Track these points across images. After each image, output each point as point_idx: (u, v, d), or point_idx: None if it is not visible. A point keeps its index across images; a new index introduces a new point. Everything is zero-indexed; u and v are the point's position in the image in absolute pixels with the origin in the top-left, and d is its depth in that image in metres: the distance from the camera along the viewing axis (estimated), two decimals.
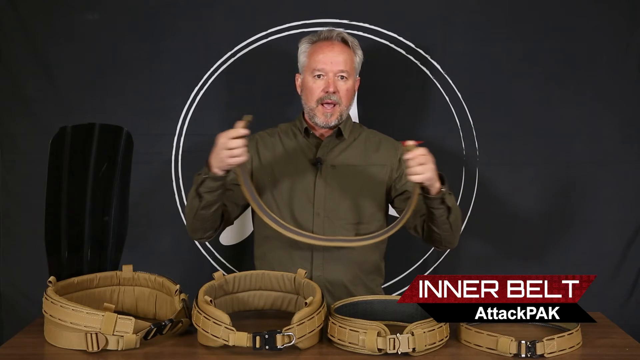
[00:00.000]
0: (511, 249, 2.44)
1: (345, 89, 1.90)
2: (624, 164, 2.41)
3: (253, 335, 1.39)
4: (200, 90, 2.39)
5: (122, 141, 1.81)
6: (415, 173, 1.62)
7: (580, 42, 2.38)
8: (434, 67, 2.39)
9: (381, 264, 2.00)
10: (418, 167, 1.61)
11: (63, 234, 1.70)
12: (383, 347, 1.40)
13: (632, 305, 2.43)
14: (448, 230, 1.81)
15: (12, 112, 2.38)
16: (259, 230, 1.97)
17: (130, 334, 1.43)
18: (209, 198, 1.76)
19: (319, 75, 1.88)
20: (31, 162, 2.33)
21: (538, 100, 2.40)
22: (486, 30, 2.38)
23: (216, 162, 1.68)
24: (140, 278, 1.72)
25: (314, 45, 1.92)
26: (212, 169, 1.70)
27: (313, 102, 1.90)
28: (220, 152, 1.65)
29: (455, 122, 2.40)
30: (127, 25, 2.37)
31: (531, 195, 2.42)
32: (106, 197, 1.80)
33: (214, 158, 1.68)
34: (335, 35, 1.91)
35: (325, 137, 1.96)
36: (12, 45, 2.36)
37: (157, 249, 2.41)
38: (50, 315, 1.47)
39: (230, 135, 1.63)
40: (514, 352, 1.42)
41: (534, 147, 2.41)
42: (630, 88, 2.40)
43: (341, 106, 1.90)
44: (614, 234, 2.43)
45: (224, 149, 1.64)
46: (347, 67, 1.89)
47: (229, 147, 1.63)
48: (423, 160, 1.62)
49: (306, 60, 1.92)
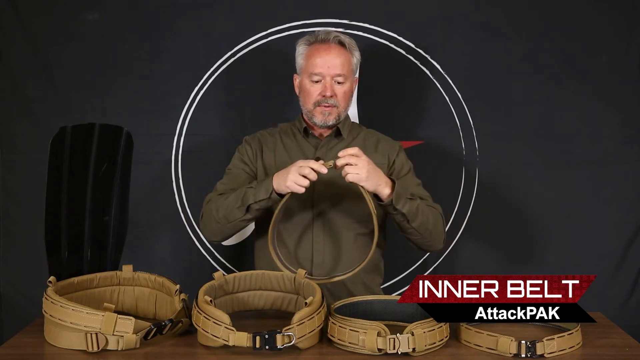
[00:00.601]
0: (511, 249, 2.44)
1: (342, 91, 1.90)
2: (624, 164, 2.41)
3: (253, 335, 1.39)
4: (200, 90, 2.39)
5: (122, 141, 1.81)
6: (346, 172, 1.66)
7: (580, 42, 2.38)
8: (434, 67, 2.39)
9: (380, 264, 2.00)
10: (348, 167, 1.66)
11: (63, 234, 1.70)
12: (383, 347, 1.40)
13: (632, 305, 2.43)
14: (417, 235, 1.82)
15: (12, 112, 2.38)
16: (260, 229, 1.97)
17: (130, 334, 1.43)
18: (256, 213, 1.79)
19: (316, 79, 1.89)
20: (31, 162, 2.33)
21: (538, 100, 2.40)
22: (486, 30, 2.38)
23: (282, 181, 1.70)
24: (140, 278, 1.72)
25: (311, 47, 1.91)
26: (275, 187, 1.72)
27: (310, 104, 1.90)
28: (294, 174, 1.66)
29: (455, 122, 2.40)
30: (127, 25, 2.37)
31: (531, 195, 2.42)
32: (106, 197, 1.80)
33: (282, 177, 1.70)
34: (332, 37, 1.90)
35: (324, 136, 1.96)
36: (12, 45, 2.36)
37: (157, 249, 2.41)
38: (50, 315, 1.47)
39: (312, 166, 1.65)
40: (514, 352, 1.42)
41: (534, 147, 2.41)
42: (630, 88, 2.40)
43: (339, 108, 1.90)
44: (614, 234, 2.43)
45: (299, 173, 1.66)
46: (345, 71, 1.89)
47: (303, 173, 1.65)
48: (353, 160, 1.66)
49: (303, 62, 1.92)
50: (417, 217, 1.78)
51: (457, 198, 2.42)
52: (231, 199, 1.80)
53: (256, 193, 1.75)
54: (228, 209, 1.80)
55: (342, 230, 1.90)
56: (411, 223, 1.78)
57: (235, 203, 1.78)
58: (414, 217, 1.77)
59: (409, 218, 1.76)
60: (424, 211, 1.81)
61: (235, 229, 1.85)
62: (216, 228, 1.85)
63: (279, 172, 1.74)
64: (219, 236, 1.89)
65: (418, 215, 1.78)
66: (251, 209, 1.77)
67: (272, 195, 1.73)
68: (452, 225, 2.42)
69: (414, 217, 1.77)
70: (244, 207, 1.77)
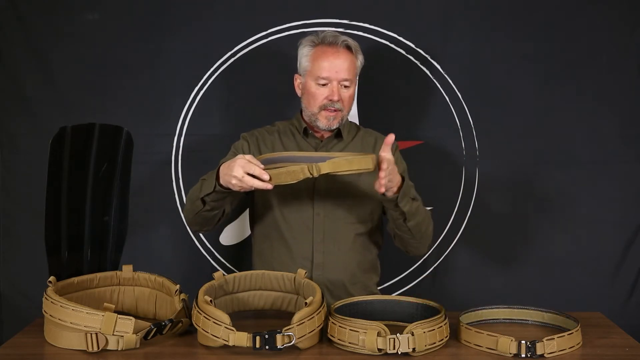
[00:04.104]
0: (511, 249, 2.44)
1: (348, 96, 1.90)
2: (624, 164, 2.41)
3: (253, 335, 1.39)
4: (200, 90, 2.39)
5: (122, 141, 1.81)
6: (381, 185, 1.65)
7: (580, 42, 2.38)
8: (434, 67, 2.39)
9: (377, 262, 2.01)
10: (388, 182, 1.65)
11: (63, 234, 1.71)
12: (383, 347, 1.40)
13: (632, 305, 2.43)
14: (408, 234, 1.83)
15: (12, 112, 2.38)
16: (259, 228, 1.97)
17: (130, 334, 1.43)
18: (214, 204, 1.77)
19: (323, 83, 1.88)
20: (31, 162, 2.33)
21: (538, 100, 2.40)
22: (486, 30, 2.38)
23: (227, 177, 1.64)
24: (140, 278, 1.72)
25: (317, 49, 1.89)
26: (221, 180, 1.68)
27: (315, 107, 1.89)
28: (236, 171, 1.61)
29: (455, 122, 2.40)
30: (127, 25, 2.37)
31: (531, 195, 2.42)
32: (106, 197, 1.80)
33: (226, 171, 1.65)
34: (341, 42, 1.88)
35: (325, 137, 1.96)
36: (12, 45, 2.35)
37: (157, 249, 2.41)
38: (50, 315, 1.47)
39: (252, 170, 1.59)
40: (514, 352, 1.42)
41: (534, 147, 2.41)
42: (630, 88, 2.40)
43: (343, 112, 1.90)
44: (614, 234, 2.43)
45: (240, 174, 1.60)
46: (351, 75, 1.88)
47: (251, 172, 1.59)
48: (392, 175, 1.65)
49: (309, 65, 1.90)
50: (414, 217, 1.79)
51: (457, 198, 2.42)
52: (193, 190, 1.81)
53: (205, 186, 1.75)
54: (191, 202, 1.82)
55: (342, 230, 1.90)
56: (407, 222, 1.78)
57: (194, 195, 1.79)
58: (412, 217, 1.78)
59: (407, 217, 1.77)
60: (422, 213, 1.82)
61: (205, 220, 1.84)
62: (190, 219, 1.87)
63: (225, 164, 1.68)
64: (196, 226, 1.90)
65: (416, 216, 1.79)
66: (206, 201, 1.76)
67: (216, 188, 1.70)
68: (452, 225, 2.42)
69: (412, 218, 1.78)
70: (200, 200, 1.77)
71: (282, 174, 1.60)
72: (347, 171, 1.63)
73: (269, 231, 1.92)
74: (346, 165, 1.62)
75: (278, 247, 1.90)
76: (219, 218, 1.87)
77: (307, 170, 1.60)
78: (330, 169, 1.61)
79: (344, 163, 1.62)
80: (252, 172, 1.60)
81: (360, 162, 1.62)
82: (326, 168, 1.61)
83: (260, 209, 1.96)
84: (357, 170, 1.63)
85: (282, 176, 1.60)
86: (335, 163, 1.62)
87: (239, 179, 1.61)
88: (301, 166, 1.60)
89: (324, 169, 1.61)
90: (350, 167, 1.62)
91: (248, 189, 1.63)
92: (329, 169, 1.61)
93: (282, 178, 1.60)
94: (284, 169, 1.61)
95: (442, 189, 2.41)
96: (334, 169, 1.61)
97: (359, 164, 1.62)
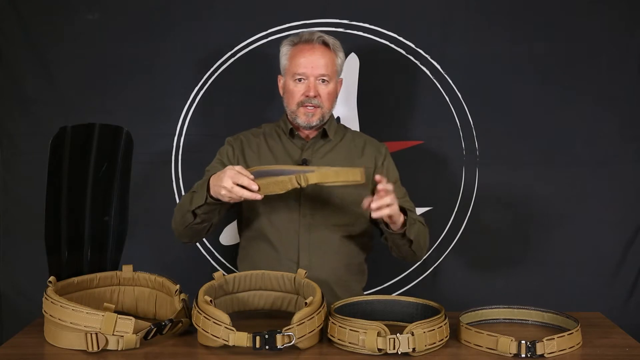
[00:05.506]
0: (511, 249, 2.44)
1: (326, 92, 1.89)
2: (624, 164, 2.41)
3: (253, 335, 1.39)
4: (200, 91, 2.39)
5: (122, 141, 1.81)
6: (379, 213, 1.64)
7: (580, 42, 2.38)
8: (434, 67, 2.39)
9: (364, 266, 2.00)
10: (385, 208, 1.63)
11: (63, 234, 1.70)
12: (383, 347, 1.40)
13: (632, 305, 2.43)
14: (409, 252, 1.85)
15: (12, 112, 2.38)
16: (247, 232, 1.96)
17: (130, 334, 1.43)
18: (204, 217, 1.77)
19: (299, 79, 1.88)
20: (31, 162, 2.33)
21: (538, 100, 2.40)
22: (486, 30, 2.38)
23: (217, 189, 1.64)
24: (140, 278, 1.72)
25: (295, 48, 1.91)
26: (211, 192, 1.68)
27: (294, 105, 1.90)
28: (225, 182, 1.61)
29: (455, 122, 2.40)
30: (127, 25, 2.37)
31: (531, 195, 2.42)
32: (106, 197, 1.80)
33: (217, 182, 1.65)
34: (316, 38, 1.89)
35: (311, 138, 1.95)
36: (12, 45, 2.36)
37: (157, 249, 2.41)
38: (50, 315, 1.47)
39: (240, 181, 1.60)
40: (514, 352, 1.42)
41: (534, 147, 2.41)
42: (630, 88, 2.39)
43: (323, 109, 1.90)
44: (614, 234, 2.43)
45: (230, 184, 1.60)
46: (328, 71, 1.88)
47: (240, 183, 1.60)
48: (389, 201, 1.63)
49: (287, 63, 1.91)
50: (418, 238, 1.81)
51: (457, 198, 2.42)
52: (183, 203, 1.80)
53: (195, 198, 1.74)
54: (182, 214, 1.80)
55: (328, 233, 1.89)
56: (412, 247, 1.80)
57: (185, 207, 1.78)
58: (417, 239, 1.80)
59: (412, 243, 1.79)
60: (420, 229, 1.83)
61: (195, 232, 1.83)
62: (180, 232, 1.85)
63: (214, 175, 1.68)
64: (186, 238, 1.89)
65: (418, 237, 1.81)
66: (197, 213, 1.75)
67: (207, 200, 1.70)
68: (452, 225, 2.42)
69: (417, 240, 1.80)
70: (191, 213, 1.76)
71: (270, 184, 1.63)
72: (335, 182, 1.66)
73: (255, 234, 1.91)
74: (334, 177, 1.65)
75: (265, 249, 1.89)
76: (207, 229, 1.87)
77: (295, 180, 1.62)
78: (318, 180, 1.64)
79: (332, 174, 1.65)
80: (241, 183, 1.60)
81: (348, 174, 1.65)
82: (314, 179, 1.63)
83: (247, 213, 1.94)
84: (344, 181, 1.65)
85: (271, 186, 1.63)
86: (323, 174, 1.64)
87: (228, 189, 1.61)
88: (289, 176, 1.62)
89: (312, 179, 1.63)
90: (337, 178, 1.65)
91: (237, 199, 1.64)
92: (317, 180, 1.63)
93: (271, 188, 1.63)
94: (273, 179, 1.63)
95: (442, 189, 2.41)
96: (322, 180, 1.64)
97: (346, 176, 1.65)
